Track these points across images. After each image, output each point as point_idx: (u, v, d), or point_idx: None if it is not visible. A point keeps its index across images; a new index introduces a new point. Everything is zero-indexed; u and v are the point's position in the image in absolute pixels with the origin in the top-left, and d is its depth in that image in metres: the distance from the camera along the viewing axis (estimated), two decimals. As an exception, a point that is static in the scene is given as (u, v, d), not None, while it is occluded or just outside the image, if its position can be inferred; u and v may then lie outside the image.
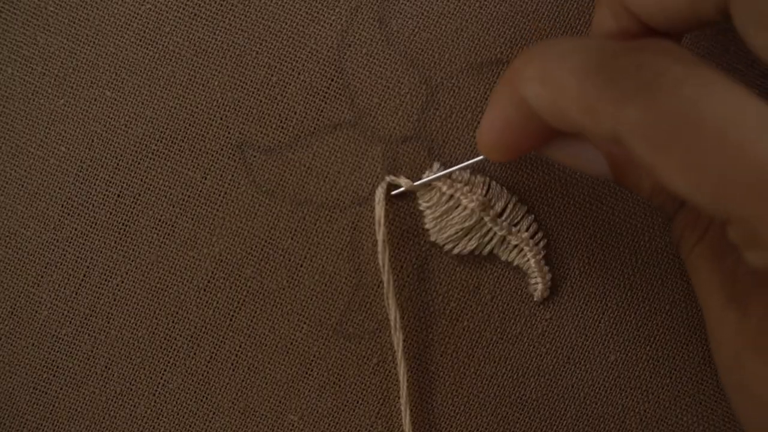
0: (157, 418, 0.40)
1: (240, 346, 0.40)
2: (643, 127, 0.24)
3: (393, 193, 0.40)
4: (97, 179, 0.40)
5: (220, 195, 0.40)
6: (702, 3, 0.26)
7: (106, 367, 0.40)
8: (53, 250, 0.40)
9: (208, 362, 0.40)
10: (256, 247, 0.40)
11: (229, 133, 0.40)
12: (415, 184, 0.39)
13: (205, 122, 0.40)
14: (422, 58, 0.40)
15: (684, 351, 0.41)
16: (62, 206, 0.40)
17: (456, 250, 0.40)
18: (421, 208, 0.40)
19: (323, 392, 0.41)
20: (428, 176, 0.39)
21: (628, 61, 0.25)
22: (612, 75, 0.25)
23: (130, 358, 0.40)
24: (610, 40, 0.28)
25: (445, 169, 0.40)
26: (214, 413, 0.40)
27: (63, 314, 0.40)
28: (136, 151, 0.40)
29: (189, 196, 0.40)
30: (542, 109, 0.28)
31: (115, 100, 0.40)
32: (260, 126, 0.40)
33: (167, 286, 0.40)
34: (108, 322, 0.40)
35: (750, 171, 0.23)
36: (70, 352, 0.40)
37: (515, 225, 0.40)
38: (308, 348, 0.40)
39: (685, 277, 0.40)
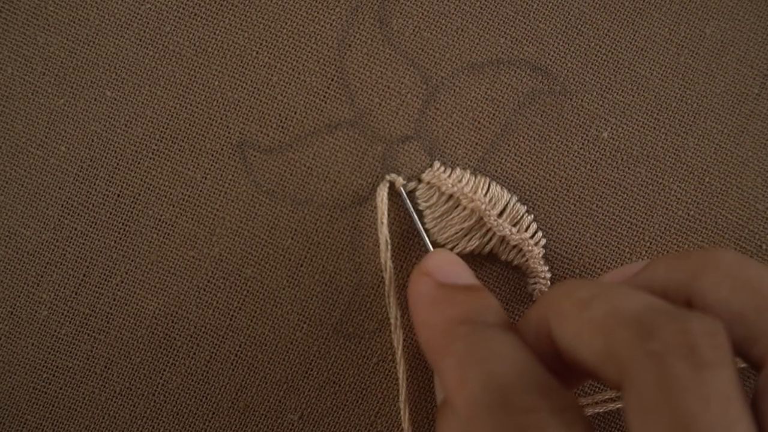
0: (157, 418, 0.40)
1: (240, 346, 0.40)
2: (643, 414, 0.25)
3: (407, 189, 0.40)
4: (97, 179, 0.40)
5: (220, 195, 0.40)
6: (603, 373, 0.27)
7: (105, 366, 0.40)
8: (53, 250, 0.40)
9: (208, 362, 0.40)
10: (256, 246, 0.40)
11: (229, 133, 0.40)
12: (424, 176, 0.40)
13: (205, 122, 0.40)
14: (422, 58, 0.40)
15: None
16: (62, 206, 0.40)
17: (456, 250, 0.40)
18: (420, 208, 0.40)
19: (323, 391, 0.41)
20: (429, 177, 0.40)
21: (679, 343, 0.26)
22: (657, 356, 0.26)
23: (130, 358, 0.40)
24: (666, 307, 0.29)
25: (445, 168, 0.40)
26: (213, 413, 0.40)
27: (63, 314, 0.40)
28: (136, 151, 0.40)
29: (189, 196, 0.40)
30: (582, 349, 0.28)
31: (115, 100, 0.40)
32: (260, 126, 0.40)
33: (167, 286, 0.40)
34: (108, 322, 0.40)
35: None
36: (70, 352, 0.40)
37: (515, 225, 0.40)
38: (308, 347, 0.40)
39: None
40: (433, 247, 0.40)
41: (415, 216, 0.40)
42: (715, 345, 0.25)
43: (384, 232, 0.39)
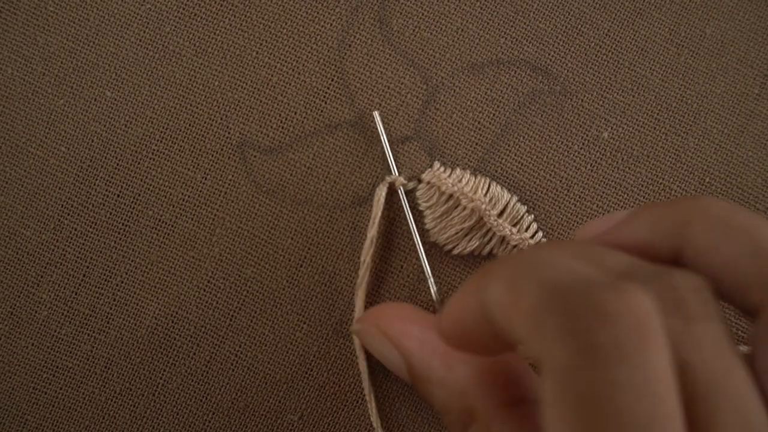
0: (157, 418, 0.40)
1: (240, 346, 0.40)
2: (565, 383, 0.23)
3: (407, 188, 0.40)
4: (97, 179, 0.40)
5: (220, 195, 0.40)
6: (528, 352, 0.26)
7: (105, 367, 0.40)
8: (53, 250, 0.40)
9: (208, 362, 0.40)
10: (256, 247, 0.40)
11: (229, 133, 0.40)
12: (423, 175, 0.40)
13: (205, 122, 0.40)
14: (422, 58, 0.40)
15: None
16: (62, 206, 0.40)
17: (456, 251, 0.40)
18: (421, 208, 0.40)
19: (323, 392, 0.41)
20: (429, 177, 0.40)
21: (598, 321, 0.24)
22: (568, 318, 0.24)
23: (130, 358, 0.40)
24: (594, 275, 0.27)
25: (445, 168, 0.40)
26: (213, 413, 0.40)
27: (63, 314, 0.40)
28: (136, 151, 0.40)
29: (189, 196, 0.40)
30: (495, 315, 0.27)
31: (115, 100, 0.40)
32: (260, 126, 0.40)
33: (167, 286, 0.40)
34: (108, 322, 0.40)
35: None
36: (70, 352, 0.40)
37: (515, 225, 0.40)
38: (308, 348, 0.40)
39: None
40: (432, 247, 0.40)
41: (410, 215, 0.40)
42: (703, 300, 0.25)
43: (372, 232, 0.39)
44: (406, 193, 0.40)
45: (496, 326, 0.27)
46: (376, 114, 0.40)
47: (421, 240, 0.40)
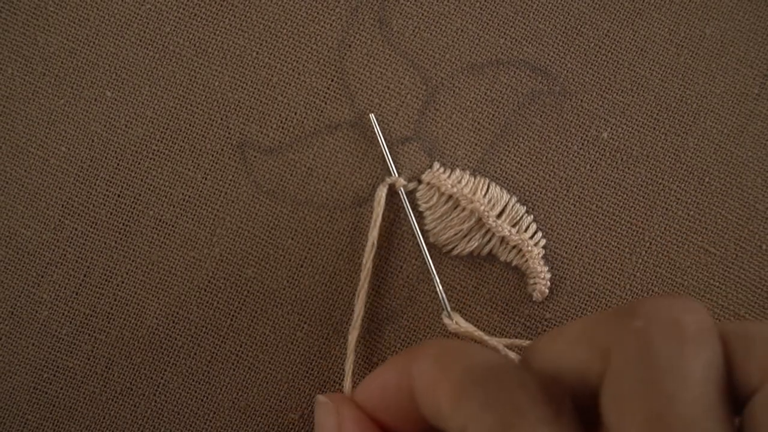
0: (158, 418, 0.41)
1: (241, 346, 0.40)
2: None
3: (408, 189, 0.40)
4: (97, 179, 0.40)
5: (220, 195, 0.40)
6: (590, 372, 0.27)
7: (106, 367, 0.40)
8: (53, 250, 0.40)
9: (209, 362, 0.40)
10: (256, 247, 0.40)
11: (229, 133, 0.40)
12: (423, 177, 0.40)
13: (205, 122, 0.40)
14: (422, 59, 0.40)
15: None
16: (63, 206, 0.40)
17: (455, 252, 0.40)
18: (421, 209, 0.40)
19: (324, 391, 0.41)
20: (428, 178, 0.40)
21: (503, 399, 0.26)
22: (493, 388, 0.26)
23: (131, 358, 0.40)
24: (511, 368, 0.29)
25: (445, 169, 0.40)
26: (215, 413, 0.41)
27: (63, 314, 0.40)
28: (136, 151, 0.40)
29: (189, 196, 0.40)
30: (419, 387, 0.29)
31: (116, 100, 0.40)
32: (261, 126, 0.40)
33: (168, 287, 0.40)
34: (108, 322, 0.40)
35: None
36: (71, 352, 0.40)
37: (514, 225, 0.40)
38: (309, 347, 0.41)
39: (684, 282, 0.41)
40: (432, 247, 0.40)
41: (413, 217, 0.40)
42: (701, 329, 0.25)
43: (374, 234, 0.39)
44: (405, 194, 0.40)
45: (419, 400, 0.29)
46: (372, 116, 0.40)
47: (423, 240, 0.40)
